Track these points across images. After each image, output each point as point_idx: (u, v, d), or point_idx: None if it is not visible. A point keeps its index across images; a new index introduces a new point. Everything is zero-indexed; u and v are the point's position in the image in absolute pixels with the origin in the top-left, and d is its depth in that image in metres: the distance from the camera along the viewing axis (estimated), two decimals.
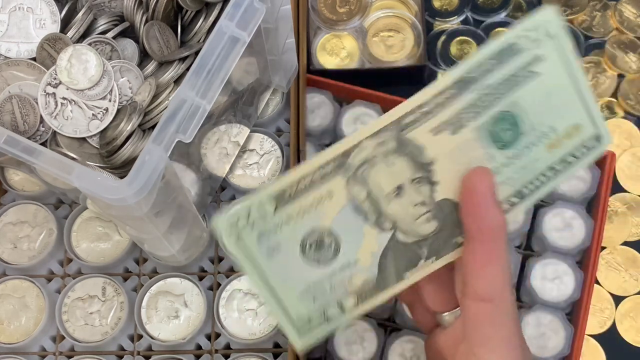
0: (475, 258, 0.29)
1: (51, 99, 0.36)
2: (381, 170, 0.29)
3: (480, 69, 0.28)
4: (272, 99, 0.49)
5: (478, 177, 0.29)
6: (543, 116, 0.29)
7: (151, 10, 0.38)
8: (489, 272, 0.29)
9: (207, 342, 0.45)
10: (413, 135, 0.28)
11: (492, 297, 0.29)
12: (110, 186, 0.31)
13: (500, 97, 0.28)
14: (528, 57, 0.28)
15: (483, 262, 0.29)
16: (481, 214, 0.29)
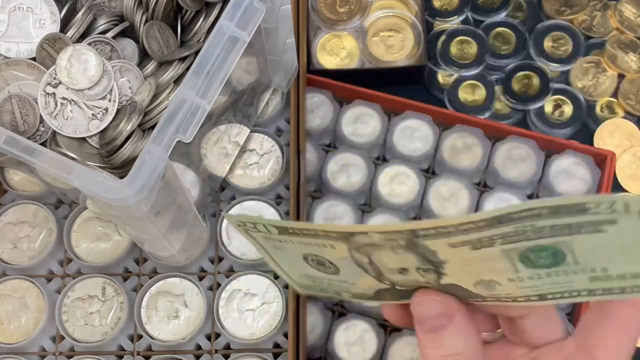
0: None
1: (51, 99, 0.36)
2: (387, 255, 0.27)
3: (528, 214, 0.23)
4: (272, 99, 0.49)
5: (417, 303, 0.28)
6: (596, 258, 0.24)
7: (151, 10, 0.38)
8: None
9: (207, 342, 0.45)
10: (427, 242, 0.25)
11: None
12: (110, 186, 0.31)
13: (544, 237, 0.23)
14: (597, 218, 0.22)
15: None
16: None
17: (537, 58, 0.56)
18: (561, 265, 0.24)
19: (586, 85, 0.56)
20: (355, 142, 0.50)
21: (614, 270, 0.24)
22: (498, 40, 0.57)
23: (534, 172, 0.49)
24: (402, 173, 0.49)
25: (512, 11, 0.58)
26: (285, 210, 0.47)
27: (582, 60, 0.56)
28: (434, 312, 0.28)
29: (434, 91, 0.57)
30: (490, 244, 0.24)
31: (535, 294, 0.26)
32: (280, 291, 0.45)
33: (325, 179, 0.49)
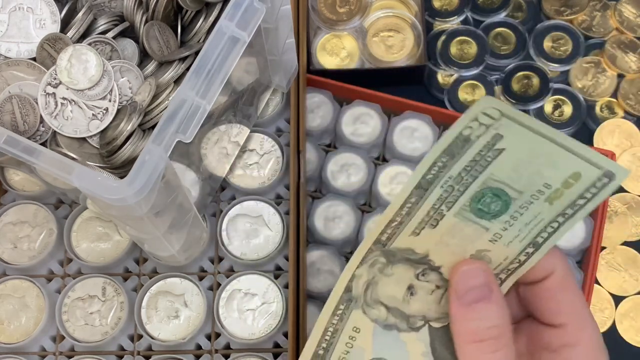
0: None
1: (51, 99, 0.36)
2: (386, 284, 0.29)
3: (435, 168, 0.26)
4: (272, 99, 0.49)
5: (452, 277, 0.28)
6: (529, 179, 0.26)
7: (151, 11, 0.38)
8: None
9: (207, 342, 0.45)
10: (396, 244, 0.28)
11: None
12: (110, 186, 0.31)
13: (469, 183, 0.26)
14: (483, 141, 0.25)
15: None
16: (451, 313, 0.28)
17: (537, 58, 0.56)
18: (513, 203, 0.26)
19: (586, 85, 0.56)
20: (355, 142, 0.50)
21: (554, 181, 0.26)
22: (498, 40, 0.57)
23: None
24: (402, 173, 0.49)
25: (512, 11, 0.58)
26: (285, 210, 0.47)
27: (581, 60, 0.56)
28: (479, 281, 0.28)
29: (433, 91, 0.57)
30: (439, 215, 0.27)
31: (526, 245, 0.28)
32: (280, 291, 0.45)
33: (325, 179, 0.49)
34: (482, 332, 0.27)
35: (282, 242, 0.46)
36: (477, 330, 0.27)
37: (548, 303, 0.29)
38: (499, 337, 0.27)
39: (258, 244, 0.46)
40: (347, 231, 0.48)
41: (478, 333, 0.27)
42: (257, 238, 0.46)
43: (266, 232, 0.46)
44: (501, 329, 0.27)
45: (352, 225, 0.48)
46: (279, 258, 0.46)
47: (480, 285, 0.27)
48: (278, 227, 0.46)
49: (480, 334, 0.27)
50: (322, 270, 0.47)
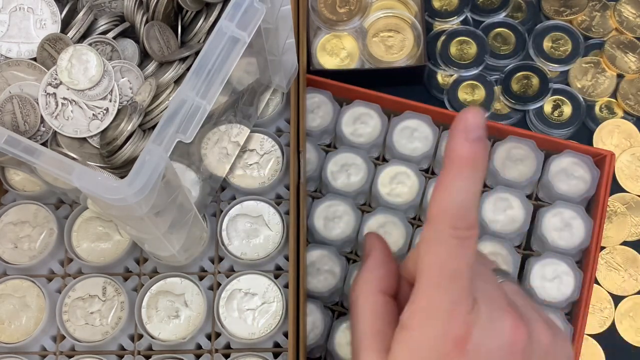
0: (437, 182, 0.30)
1: (52, 99, 0.36)
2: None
3: None
4: (272, 99, 0.49)
5: (468, 112, 0.30)
6: None
7: (151, 11, 0.38)
8: (436, 196, 0.30)
9: (207, 342, 0.45)
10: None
11: (430, 218, 0.30)
12: (111, 186, 0.31)
13: None
14: None
15: (436, 186, 0.30)
16: (449, 142, 0.30)
17: (537, 58, 0.56)
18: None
19: (585, 85, 0.56)
20: (355, 142, 0.50)
21: None
22: (497, 40, 0.57)
23: (533, 172, 0.49)
24: (402, 173, 0.49)
25: (511, 11, 0.58)
26: (285, 210, 0.47)
27: (581, 60, 0.56)
28: (482, 122, 0.30)
29: (433, 91, 0.57)
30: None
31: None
32: (280, 291, 0.45)
33: (325, 179, 0.49)
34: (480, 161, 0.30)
35: (282, 242, 0.46)
36: (474, 158, 0.29)
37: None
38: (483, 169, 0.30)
39: (258, 243, 0.46)
40: (347, 231, 0.48)
41: (475, 160, 0.29)
42: (257, 238, 0.46)
43: (266, 232, 0.46)
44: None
45: (352, 225, 0.48)
46: (279, 258, 0.46)
47: (483, 126, 0.30)
48: (278, 227, 0.46)
49: (477, 162, 0.29)
50: (322, 270, 0.47)
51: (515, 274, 0.47)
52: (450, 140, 0.30)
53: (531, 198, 0.50)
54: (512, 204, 0.48)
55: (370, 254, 0.37)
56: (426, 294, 0.30)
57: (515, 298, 0.33)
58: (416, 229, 0.48)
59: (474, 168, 0.30)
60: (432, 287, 0.30)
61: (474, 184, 0.30)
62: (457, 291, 0.30)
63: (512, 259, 0.47)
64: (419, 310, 0.30)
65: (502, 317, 0.31)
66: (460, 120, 0.29)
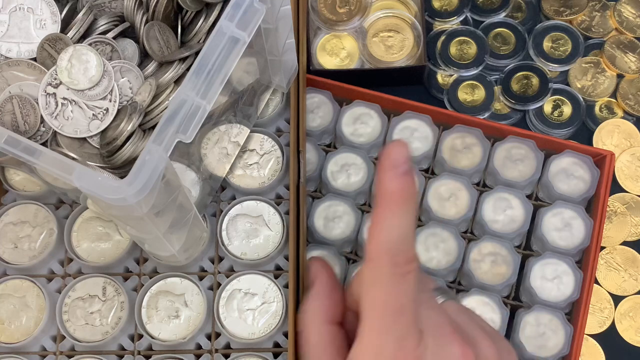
0: (371, 221, 0.31)
1: (52, 99, 0.36)
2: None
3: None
4: (272, 99, 0.49)
5: (391, 147, 0.31)
6: None
7: (151, 11, 0.38)
8: (372, 234, 0.30)
9: (207, 342, 0.45)
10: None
11: (370, 258, 0.30)
12: (111, 186, 0.31)
13: None
14: None
15: (371, 224, 0.31)
16: (378, 180, 0.31)
17: (537, 58, 0.56)
18: None
19: (585, 85, 0.56)
20: (355, 142, 0.50)
21: None
22: (497, 40, 0.57)
23: (533, 172, 0.49)
24: None
25: (511, 12, 0.58)
26: (285, 210, 0.47)
27: (581, 60, 0.56)
28: (407, 155, 0.30)
29: (433, 91, 0.57)
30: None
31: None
32: (280, 291, 0.45)
33: (325, 179, 0.49)
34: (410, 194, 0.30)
35: (282, 242, 0.46)
36: (404, 192, 0.30)
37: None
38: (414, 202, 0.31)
39: (258, 243, 0.46)
40: (347, 231, 0.48)
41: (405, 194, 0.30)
42: (257, 238, 0.46)
43: (266, 232, 0.46)
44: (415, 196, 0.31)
45: (352, 225, 0.48)
46: (279, 258, 0.46)
47: (409, 159, 0.31)
48: (278, 227, 0.46)
49: (407, 195, 0.30)
50: None
51: (515, 274, 0.47)
52: (378, 178, 0.30)
53: (531, 198, 0.50)
54: (512, 204, 0.48)
55: (315, 283, 0.37)
56: (372, 334, 0.30)
57: (458, 317, 0.33)
58: (416, 229, 0.48)
59: (406, 202, 0.30)
60: (377, 328, 0.30)
61: (408, 218, 0.30)
62: (403, 328, 0.30)
63: (512, 259, 0.47)
64: (366, 350, 0.30)
65: (449, 343, 0.31)
66: (386, 156, 0.30)
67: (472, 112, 0.55)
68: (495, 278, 0.47)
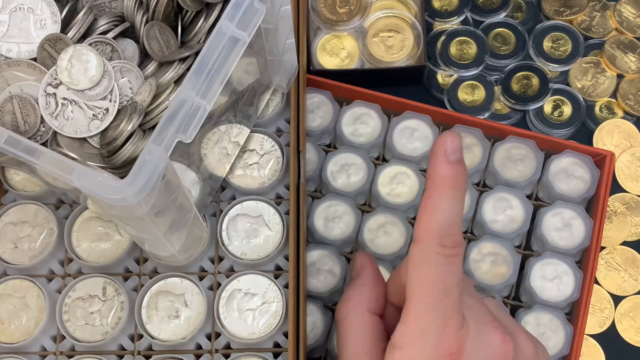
0: (422, 204, 0.31)
1: (52, 99, 0.36)
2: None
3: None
4: (272, 99, 0.49)
5: (447, 135, 0.31)
6: None
7: (151, 11, 0.38)
8: (422, 216, 0.31)
9: (207, 342, 0.45)
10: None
11: (418, 239, 0.31)
12: (111, 186, 0.31)
13: None
14: None
15: (421, 207, 0.31)
16: (431, 165, 0.31)
17: (537, 58, 0.56)
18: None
19: (585, 85, 0.56)
20: (355, 142, 0.50)
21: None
22: (497, 40, 0.57)
23: (533, 172, 0.49)
24: (402, 173, 0.49)
25: (511, 12, 0.58)
26: (285, 210, 0.47)
27: (581, 60, 0.56)
28: (460, 145, 0.31)
29: (433, 91, 0.57)
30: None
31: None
32: (280, 291, 0.45)
33: (325, 179, 0.49)
34: (461, 180, 0.31)
35: (282, 242, 0.46)
36: (455, 178, 0.31)
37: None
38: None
39: (258, 244, 0.46)
40: (347, 231, 0.48)
41: (456, 180, 0.31)
42: (257, 238, 0.46)
43: (266, 232, 0.46)
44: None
45: (352, 225, 0.48)
46: (279, 258, 0.46)
47: (461, 149, 0.31)
48: (278, 227, 0.46)
49: (458, 182, 0.31)
50: (322, 270, 0.47)
51: (515, 274, 0.47)
52: (431, 163, 0.31)
53: (531, 198, 0.50)
54: (512, 204, 0.48)
55: (361, 273, 0.38)
56: (418, 313, 0.31)
57: (497, 312, 0.34)
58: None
59: (457, 187, 0.31)
60: (423, 306, 0.31)
61: (457, 203, 0.31)
62: (448, 308, 0.30)
63: (512, 259, 0.47)
64: (411, 329, 0.31)
65: (490, 331, 0.32)
66: (440, 144, 0.31)
67: (472, 112, 0.55)
68: (495, 278, 0.47)
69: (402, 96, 0.51)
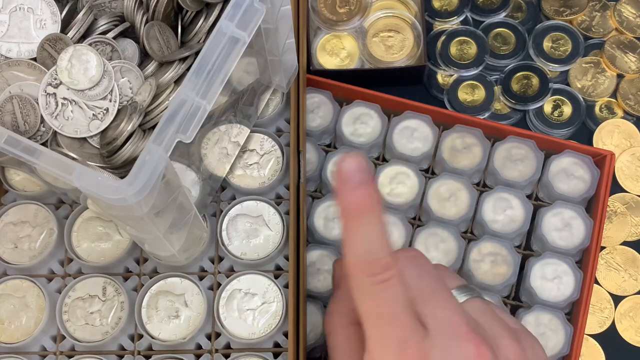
0: (342, 238, 0.31)
1: (52, 99, 0.36)
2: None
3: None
4: (272, 99, 0.49)
5: (340, 163, 0.30)
6: None
7: (151, 11, 0.38)
8: (344, 252, 0.30)
9: (207, 342, 0.45)
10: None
11: (348, 275, 0.31)
12: (111, 186, 0.31)
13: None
14: None
15: (343, 242, 0.30)
16: (337, 196, 0.30)
17: (537, 58, 0.56)
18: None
19: (585, 85, 0.56)
20: (355, 142, 0.50)
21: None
22: (497, 40, 0.57)
23: (533, 172, 0.49)
24: (402, 173, 0.49)
25: (511, 12, 0.58)
26: (285, 210, 0.47)
27: (581, 60, 0.56)
28: (359, 166, 0.30)
29: (433, 91, 0.57)
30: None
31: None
32: (280, 291, 0.45)
33: (325, 179, 0.49)
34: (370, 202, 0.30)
35: (282, 242, 0.46)
36: (362, 203, 0.30)
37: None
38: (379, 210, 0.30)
39: (258, 244, 0.46)
40: None
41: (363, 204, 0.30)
42: (257, 238, 0.46)
43: (266, 232, 0.46)
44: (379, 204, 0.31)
45: None
46: (279, 258, 0.46)
47: (361, 169, 0.30)
48: (278, 227, 0.46)
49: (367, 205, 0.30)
50: (322, 270, 0.47)
51: (515, 274, 0.47)
52: (336, 196, 0.30)
53: (531, 198, 0.50)
54: (512, 204, 0.48)
55: (340, 285, 0.38)
56: (374, 342, 0.31)
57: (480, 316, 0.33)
58: (416, 229, 0.48)
59: (367, 212, 0.30)
60: (376, 337, 0.31)
61: (373, 227, 0.30)
62: (401, 331, 0.30)
63: (512, 259, 0.47)
64: (373, 358, 0.31)
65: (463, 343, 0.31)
66: (337, 172, 0.30)
67: (472, 112, 0.55)
68: (495, 278, 0.47)
69: (402, 96, 0.51)
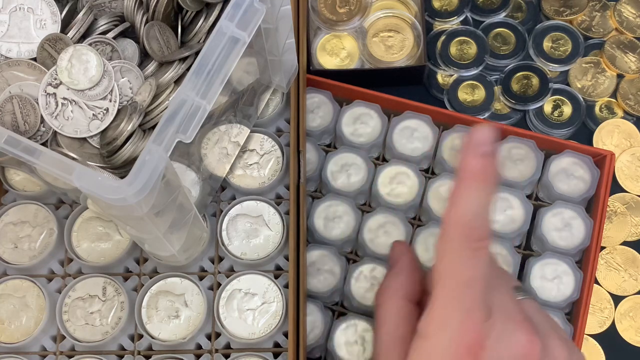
0: (449, 196, 0.31)
1: (52, 99, 0.36)
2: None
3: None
4: (272, 99, 0.49)
5: (477, 128, 0.31)
6: None
7: (151, 11, 0.38)
8: (448, 208, 0.31)
9: (207, 342, 0.45)
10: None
11: (443, 230, 0.31)
12: (111, 186, 0.31)
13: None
14: None
15: (449, 199, 0.31)
16: (460, 158, 0.31)
17: (537, 58, 0.56)
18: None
19: (585, 85, 0.56)
20: (355, 142, 0.50)
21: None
22: (497, 40, 0.57)
23: (533, 172, 0.49)
24: (402, 173, 0.49)
25: (511, 12, 0.58)
26: (285, 210, 0.47)
27: (581, 60, 0.56)
28: (490, 138, 0.31)
29: (433, 91, 0.57)
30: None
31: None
32: (280, 291, 0.45)
33: (325, 179, 0.49)
34: (490, 174, 0.31)
35: (282, 242, 0.46)
36: (483, 171, 0.31)
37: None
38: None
39: (258, 244, 0.46)
40: (347, 231, 0.48)
41: (484, 173, 0.31)
42: (257, 238, 0.46)
43: (266, 232, 0.46)
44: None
45: (352, 225, 0.48)
46: (279, 258, 0.46)
47: (493, 142, 0.31)
48: (278, 227, 0.46)
49: (486, 175, 0.31)
50: (322, 270, 0.47)
51: (515, 274, 0.47)
52: (460, 156, 0.31)
53: (531, 198, 0.50)
54: (512, 204, 0.48)
55: (397, 261, 0.38)
56: (440, 303, 0.31)
57: (534, 315, 0.34)
58: (416, 229, 0.48)
59: (485, 181, 0.31)
60: (446, 296, 0.31)
61: (485, 196, 0.31)
62: (471, 300, 0.30)
63: (512, 259, 0.47)
64: (434, 318, 0.31)
65: (517, 329, 0.31)
66: (470, 136, 0.31)
67: (472, 112, 0.55)
68: None
69: (402, 96, 0.51)
